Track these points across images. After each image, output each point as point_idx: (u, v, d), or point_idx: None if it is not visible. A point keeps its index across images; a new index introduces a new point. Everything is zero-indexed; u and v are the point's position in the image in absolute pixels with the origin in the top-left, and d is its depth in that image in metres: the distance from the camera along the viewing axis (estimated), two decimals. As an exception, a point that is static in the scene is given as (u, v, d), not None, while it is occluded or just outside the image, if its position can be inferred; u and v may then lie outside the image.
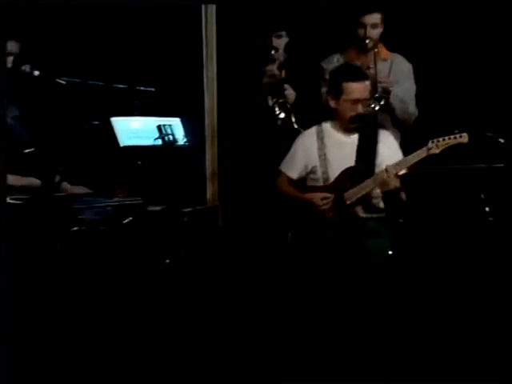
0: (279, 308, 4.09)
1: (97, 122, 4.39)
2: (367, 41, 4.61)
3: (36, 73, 4.07)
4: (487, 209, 4.38)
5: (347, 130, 4.30)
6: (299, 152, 4.39)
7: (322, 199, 4.22)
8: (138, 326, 3.90)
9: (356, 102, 4.21)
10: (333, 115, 4.33)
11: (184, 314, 4.03)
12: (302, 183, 4.41)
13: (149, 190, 4.38)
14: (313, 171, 4.35)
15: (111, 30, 5.25)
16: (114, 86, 4.35)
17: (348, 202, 4.22)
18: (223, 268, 4.41)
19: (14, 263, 3.71)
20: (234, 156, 4.90)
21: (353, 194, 4.22)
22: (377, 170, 4.22)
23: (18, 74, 4.09)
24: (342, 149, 4.31)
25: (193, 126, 4.72)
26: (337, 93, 4.24)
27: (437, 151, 4.11)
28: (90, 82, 4.25)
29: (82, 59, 5.05)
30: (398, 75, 4.68)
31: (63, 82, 4.11)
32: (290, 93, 4.68)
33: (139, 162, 4.48)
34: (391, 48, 4.76)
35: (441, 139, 4.11)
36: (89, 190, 4.29)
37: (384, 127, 4.58)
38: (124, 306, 3.96)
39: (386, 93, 4.56)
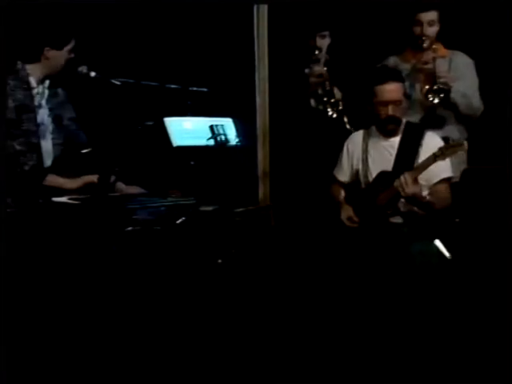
0: (329, 306, 4.09)
1: (150, 123, 4.40)
2: (424, 38, 4.55)
3: (92, 74, 4.09)
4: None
5: (386, 132, 4.29)
6: (348, 155, 4.41)
7: (348, 218, 4.26)
8: (192, 325, 3.93)
9: (386, 103, 4.18)
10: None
11: (236, 314, 4.07)
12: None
13: (201, 190, 4.40)
14: (358, 174, 4.36)
15: (164, 30, 5.29)
16: (167, 86, 4.37)
17: (380, 207, 4.21)
18: (275, 267, 4.44)
19: (71, 262, 3.81)
20: (285, 156, 4.92)
21: (383, 199, 4.21)
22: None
23: (74, 75, 4.12)
24: (380, 152, 4.30)
25: (245, 126, 4.73)
26: (369, 96, 4.24)
27: (443, 158, 4.08)
28: (144, 83, 4.27)
29: (136, 60, 5.09)
30: (458, 71, 4.61)
31: (118, 83, 4.13)
32: (337, 93, 4.65)
33: (192, 162, 4.49)
34: (450, 47, 4.69)
35: (447, 146, 4.11)
36: (143, 190, 4.31)
37: (447, 123, 4.57)
38: (177, 306, 3.99)
39: (446, 85, 4.49)
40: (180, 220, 4.19)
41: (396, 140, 4.26)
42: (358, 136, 4.40)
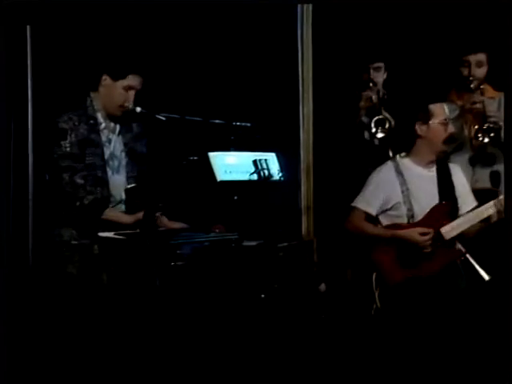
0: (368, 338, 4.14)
1: (195, 157, 4.42)
2: (471, 79, 4.63)
3: (138, 109, 4.15)
4: None
5: (428, 160, 4.30)
6: (379, 187, 4.36)
7: (423, 234, 4.18)
8: (235, 358, 3.98)
9: (445, 121, 4.21)
10: (414, 145, 4.32)
11: (279, 347, 4.11)
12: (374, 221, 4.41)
13: (245, 225, 4.42)
14: (395, 207, 4.32)
15: (208, 67, 5.37)
16: (211, 121, 4.40)
17: (447, 238, 4.19)
18: (317, 302, 4.48)
19: (115, 295, 3.92)
20: (329, 190, 4.94)
21: (451, 230, 4.19)
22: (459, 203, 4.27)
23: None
24: (424, 183, 4.31)
25: (288, 161, 4.75)
26: (425, 117, 4.26)
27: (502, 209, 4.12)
28: (188, 118, 4.31)
29: (181, 95, 5.16)
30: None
31: (163, 118, 4.18)
32: (387, 115, 4.75)
33: (235, 197, 4.52)
34: (500, 89, 4.73)
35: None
36: (186, 225, 4.34)
37: (496, 161, 4.67)
38: (221, 340, 4.04)
39: (496, 124, 4.55)
40: (224, 255, 4.24)
41: (434, 170, 4.31)
42: (387, 168, 4.39)
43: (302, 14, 5.07)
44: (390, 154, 4.65)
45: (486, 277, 4.16)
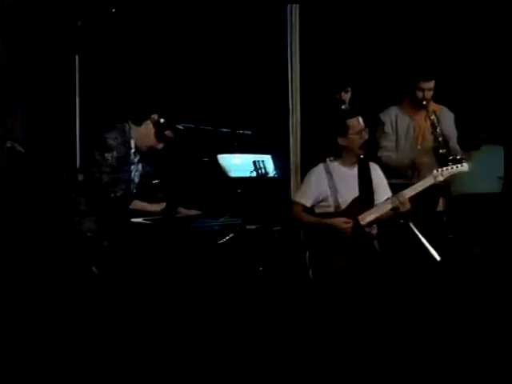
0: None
1: (206, 159, 4.97)
2: (424, 102, 5.19)
3: (161, 120, 4.40)
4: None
5: (352, 163, 4.73)
6: (312, 184, 4.78)
7: (345, 223, 4.64)
8: (237, 321, 4.29)
9: (360, 132, 4.71)
10: (340, 152, 4.77)
11: (272, 311, 4.44)
12: (311, 211, 4.77)
13: (247, 212, 4.86)
14: (324, 200, 4.73)
15: (216, 86, 5.81)
16: (220, 129, 4.95)
17: (363, 224, 4.66)
18: (304, 273, 4.70)
19: (142, 273, 4.22)
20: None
21: (365, 217, 4.65)
22: (376, 195, 4.72)
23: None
24: (347, 180, 4.75)
25: (280, 161, 5.26)
26: (343, 131, 4.70)
27: (441, 179, 4.61)
28: (201, 127, 4.83)
29: (195, 108, 5.49)
30: (445, 122, 5.29)
31: (181, 127, 4.48)
32: None
33: (239, 190, 5.02)
34: (438, 101, 5.34)
35: (444, 168, 4.61)
36: (200, 212, 4.54)
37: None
38: (225, 303, 4.43)
39: (446, 136, 5.15)
40: (229, 236, 4.76)
41: (356, 169, 4.80)
42: (319, 169, 4.81)
43: (291, 42, 5.57)
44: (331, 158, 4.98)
45: (438, 257, 4.44)
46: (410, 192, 4.64)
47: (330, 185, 4.73)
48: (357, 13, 5.99)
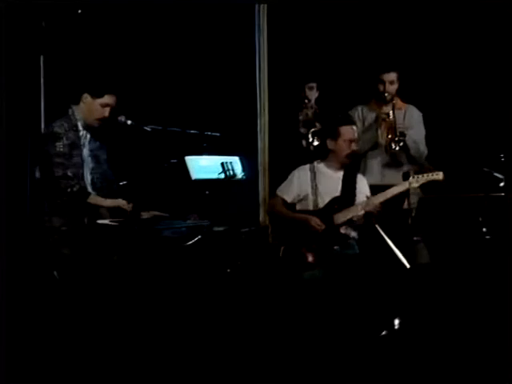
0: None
1: (174, 160, 4.96)
2: (386, 94, 5.27)
3: (129, 122, 4.51)
4: (484, 229, 4.86)
5: (338, 167, 4.91)
6: (295, 182, 4.98)
7: (319, 224, 4.81)
8: (202, 323, 4.31)
9: (350, 141, 4.86)
10: (327, 155, 4.95)
11: (242, 312, 4.49)
12: (292, 207, 4.97)
13: (214, 214, 4.85)
14: (304, 198, 4.96)
15: (184, 86, 5.84)
16: (188, 131, 4.84)
17: (336, 223, 4.86)
18: (273, 276, 4.88)
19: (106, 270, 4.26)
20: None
21: (341, 217, 4.85)
22: (357, 200, 4.85)
23: (114, 123, 4.56)
24: (330, 182, 4.94)
25: (248, 163, 5.27)
26: (334, 135, 4.89)
27: (416, 185, 4.73)
28: (169, 129, 4.74)
29: (163, 110, 5.61)
30: (411, 121, 5.34)
31: (148, 129, 4.57)
32: (319, 127, 5.29)
33: (207, 192, 5.01)
34: (406, 100, 5.41)
35: (420, 175, 4.72)
36: (165, 214, 4.64)
37: (402, 164, 5.26)
38: (192, 305, 4.42)
39: (403, 135, 5.20)
40: (197, 238, 4.68)
41: (341, 173, 4.95)
42: (305, 168, 5.01)
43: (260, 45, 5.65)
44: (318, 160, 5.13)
45: (407, 265, 4.54)
46: (381, 197, 4.76)
47: (313, 184, 4.88)
48: (329, 11, 6.04)
